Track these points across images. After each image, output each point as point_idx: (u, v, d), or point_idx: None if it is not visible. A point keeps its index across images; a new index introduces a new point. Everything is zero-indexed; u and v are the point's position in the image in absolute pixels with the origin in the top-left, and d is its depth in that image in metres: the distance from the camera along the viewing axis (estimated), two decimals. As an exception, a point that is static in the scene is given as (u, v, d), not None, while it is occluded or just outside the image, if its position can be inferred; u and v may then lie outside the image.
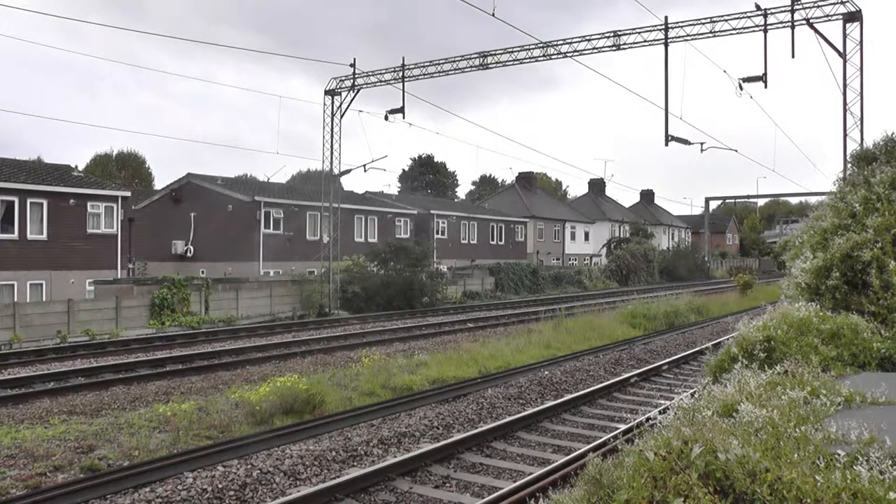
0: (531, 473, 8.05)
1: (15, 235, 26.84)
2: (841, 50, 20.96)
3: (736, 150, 31.40)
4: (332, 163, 30.54)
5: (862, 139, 20.06)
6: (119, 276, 29.46)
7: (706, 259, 69.97)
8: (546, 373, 14.56)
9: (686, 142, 24.05)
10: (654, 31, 23.24)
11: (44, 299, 26.14)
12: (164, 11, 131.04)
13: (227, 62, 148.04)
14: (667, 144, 23.03)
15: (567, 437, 10.17)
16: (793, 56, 20.91)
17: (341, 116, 30.20)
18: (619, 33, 23.87)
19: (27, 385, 13.89)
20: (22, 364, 16.50)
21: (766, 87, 22.05)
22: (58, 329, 21.10)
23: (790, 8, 21.13)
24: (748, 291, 37.39)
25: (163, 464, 8.35)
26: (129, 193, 33.70)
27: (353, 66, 29.29)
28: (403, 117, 28.29)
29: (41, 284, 27.51)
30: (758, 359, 5.96)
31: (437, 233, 48.53)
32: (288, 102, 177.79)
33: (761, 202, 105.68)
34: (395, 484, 8.03)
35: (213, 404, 11.48)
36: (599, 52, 24.34)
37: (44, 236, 27.78)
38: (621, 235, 68.75)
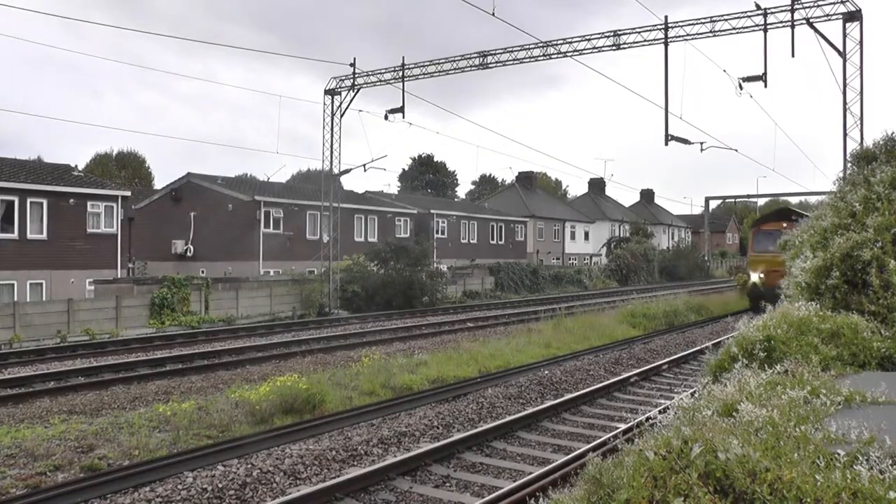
0: (531, 473, 8.05)
1: (15, 235, 26.85)
2: (841, 49, 20.96)
3: (736, 150, 31.41)
4: (332, 162, 30.56)
5: (862, 139, 20.07)
6: (119, 276, 29.49)
7: (706, 258, 69.97)
8: (546, 372, 14.56)
9: (686, 141, 24.05)
10: (654, 30, 23.25)
11: (44, 299, 26.16)
12: (167, 10, 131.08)
13: (230, 61, 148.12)
14: (667, 144, 23.04)
15: (567, 437, 10.18)
16: (793, 56, 20.93)
17: (341, 116, 30.22)
18: (619, 33, 23.87)
19: (27, 384, 13.89)
20: (22, 364, 16.51)
21: (766, 86, 22.09)
22: (58, 329, 21.11)
23: (790, 7, 21.13)
24: (748, 291, 37.37)
25: (163, 463, 8.36)
26: (128, 193, 33.73)
27: (353, 65, 29.30)
28: (403, 117, 28.30)
29: (41, 284, 27.52)
30: (758, 358, 5.95)
31: (437, 232, 48.54)
32: (289, 102, 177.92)
33: (761, 202, 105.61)
34: (395, 483, 8.03)
35: (213, 404, 11.48)
36: (599, 51, 24.35)
37: (44, 236, 27.80)
38: (621, 235, 68.76)
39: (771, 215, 27.91)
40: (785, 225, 23.23)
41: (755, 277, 25.96)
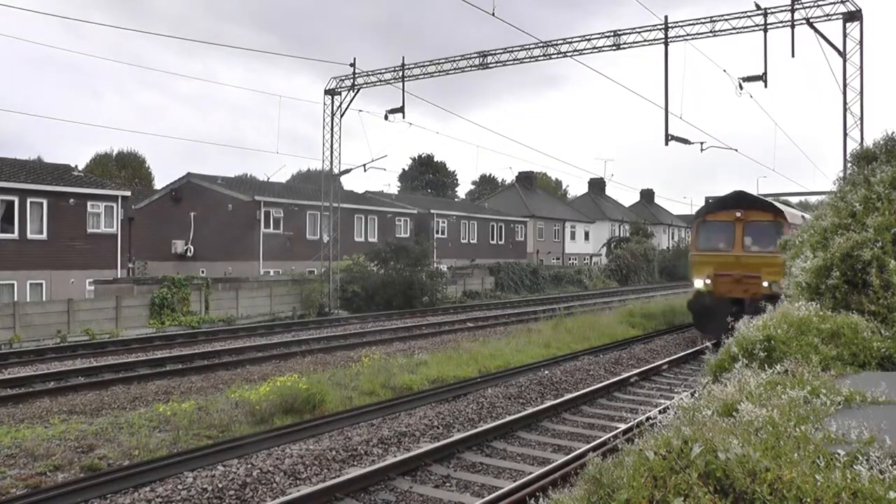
0: (531, 473, 8.06)
1: (15, 235, 26.85)
2: (841, 49, 20.96)
3: (736, 150, 31.37)
4: (332, 162, 30.56)
5: (862, 138, 20.06)
6: (119, 276, 29.49)
7: (706, 258, 69.81)
8: (546, 372, 14.56)
9: (686, 141, 24.03)
10: (654, 30, 23.24)
11: (44, 299, 26.15)
12: (167, 10, 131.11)
13: (230, 61, 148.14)
14: (667, 144, 23.02)
15: (567, 437, 10.18)
16: (793, 55, 20.92)
17: (341, 116, 30.22)
18: (619, 33, 23.87)
19: (27, 385, 13.90)
20: (22, 364, 16.51)
21: (766, 86, 22.07)
22: (58, 329, 21.11)
23: (790, 7, 21.13)
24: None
25: (163, 463, 8.36)
26: (129, 193, 33.73)
27: (352, 65, 29.30)
28: (403, 117, 28.29)
29: (41, 284, 27.52)
30: (758, 358, 5.95)
31: (437, 232, 48.54)
32: (289, 102, 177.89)
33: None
34: (394, 483, 8.03)
35: (213, 404, 11.49)
36: (599, 51, 24.35)
37: (44, 236, 27.80)
38: (621, 235, 68.75)
39: (719, 202, 20.70)
40: (739, 214, 19.03)
41: (699, 284, 19.56)
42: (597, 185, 78.47)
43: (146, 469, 8.17)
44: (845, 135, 20.90)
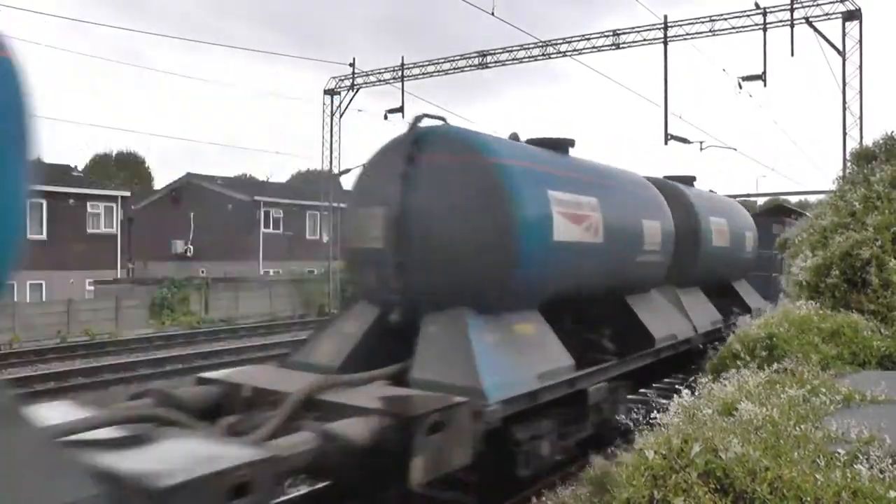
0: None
1: (15, 235, 26.84)
2: (840, 48, 20.95)
3: (735, 149, 31.37)
4: (331, 162, 30.56)
5: (861, 137, 20.03)
6: (119, 276, 29.51)
7: (706, 258, 69.79)
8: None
9: (685, 141, 23.99)
10: (653, 30, 23.20)
11: (43, 299, 26.14)
12: (167, 8, 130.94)
13: (231, 59, 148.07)
14: (666, 143, 22.97)
15: (567, 436, 10.15)
16: (792, 55, 20.89)
17: (341, 116, 30.18)
18: (619, 32, 23.82)
19: (27, 385, 13.89)
20: (22, 364, 16.51)
21: (765, 85, 22.01)
22: (58, 329, 21.10)
23: (789, 7, 21.12)
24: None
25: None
26: (128, 193, 33.77)
27: (352, 65, 29.28)
28: (403, 117, 28.20)
29: (41, 284, 27.51)
30: (758, 357, 5.96)
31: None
32: (289, 101, 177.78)
33: (760, 201, 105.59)
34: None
35: (214, 404, 11.46)
36: (599, 51, 24.32)
37: (43, 236, 27.79)
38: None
39: None
40: None
41: None
42: (596, 184, 78.34)
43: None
44: (845, 134, 20.87)
